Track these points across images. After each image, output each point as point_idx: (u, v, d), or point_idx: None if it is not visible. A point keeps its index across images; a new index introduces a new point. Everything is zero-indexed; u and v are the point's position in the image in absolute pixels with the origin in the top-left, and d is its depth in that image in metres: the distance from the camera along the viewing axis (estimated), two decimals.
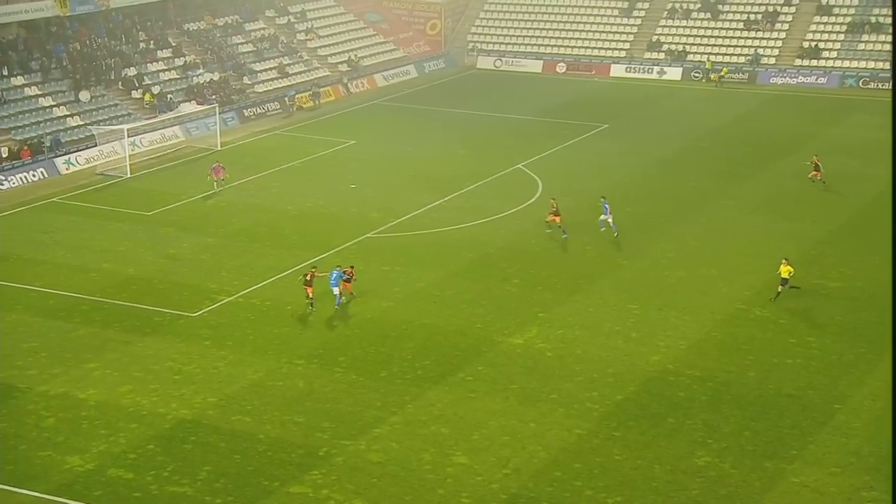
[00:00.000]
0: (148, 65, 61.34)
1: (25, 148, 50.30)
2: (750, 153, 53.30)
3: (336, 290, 33.89)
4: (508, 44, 77.98)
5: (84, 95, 56.01)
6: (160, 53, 63.02)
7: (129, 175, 49.69)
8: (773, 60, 71.62)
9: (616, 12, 77.54)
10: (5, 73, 54.79)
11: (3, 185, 47.51)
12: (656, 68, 72.68)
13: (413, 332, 32.92)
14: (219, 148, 54.58)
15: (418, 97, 67.63)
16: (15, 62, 55.78)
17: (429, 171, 50.09)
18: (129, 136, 51.71)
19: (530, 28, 78.68)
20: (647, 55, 74.34)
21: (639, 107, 64.48)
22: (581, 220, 42.89)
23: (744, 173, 49.87)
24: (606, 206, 40.54)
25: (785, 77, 69.70)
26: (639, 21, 76.89)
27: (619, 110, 63.12)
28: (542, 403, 28.57)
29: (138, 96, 58.48)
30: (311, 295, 34.00)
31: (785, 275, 34.18)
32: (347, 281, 34.55)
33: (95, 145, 52.02)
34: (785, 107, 63.91)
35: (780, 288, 34.32)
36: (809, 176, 46.85)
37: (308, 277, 34.07)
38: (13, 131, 51.76)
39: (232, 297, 35.42)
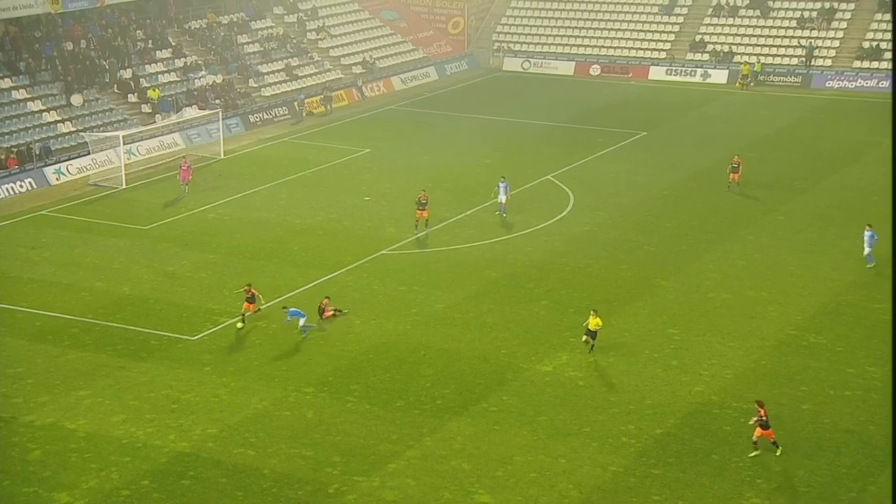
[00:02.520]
0: (146, 66, 61.96)
1: (12, 156, 50.83)
2: (802, 164, 53.12)
3: (302, 322, 34.15)
4: (537, 44, 78.25)
5: (76, 99, 56.61)
6: (159, 54, 63.66)
7: (124, 186, 50.11)
8: (829, 62, 71.46)
9: (656, 9, 77.70)
10: None
11: None
12: (700, 70, 72.68)
13: (432, 357, 32.95)
14: (222, 156, 55.00)
15: (439, 102, 67.91)
16: (1, 63, 56.48)
17: (449, 183, 50.22)
18: (124, 144, 52.20)
19: (562, 27, 78.95)
20: (690, 56, 74.37)
21: (680, 112, 64.44)
22: (616, 237, 42.83)
23: (796, 186, 49.70)
24: (503, 185, 44.41)
25: (842, 80, 69.50)
26: (681, 19, 76.99)
27: (659, 116, 63.12)
28: (574, 437, 28.49)
29: (134, 100, 59.06)
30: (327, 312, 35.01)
31: (593, 327, 32.60)
32: (328, 313, 35.14)
33: (88, 153, 52.54)
34: (841, 113, 63.71)
35: (585, 338, 32.91)
36: (728, 176, 48.35)
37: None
38: None
39: (235, 318, 35.59)
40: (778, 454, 27.39)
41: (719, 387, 31.10)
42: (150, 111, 58.41)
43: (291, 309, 34.64)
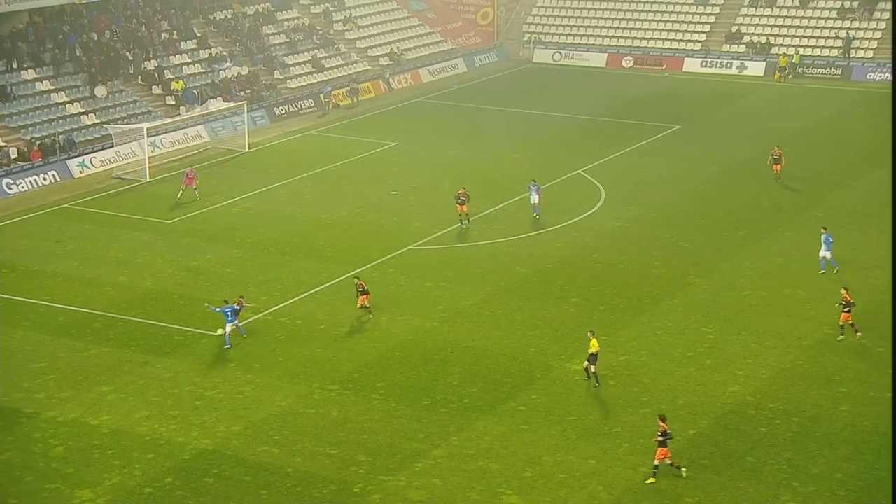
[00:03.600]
0: (170, 57, 62.30)
1: (36, 149, 51.28)
2: (842, 159, 52.66)
3: (228, 328, 33.15)
4: (569, 35, 78.01)
5: (100, 91, 57.02)
6: (184, 45, 64.00)
7: (148, 179, 50.43)
8: (870, 54, 70.73)
9: (690, 0, 77.20)
10: (14, 65, 55.97)
11: (10, 189, 48.47)
12: (736, 62, 72.18)
13: (459, 355, 32.95)
14: (246, 149, 55.23)
15: (467, 94, 67.85)
16: (25, 54, 56.96)
17: (478, 177, 50.17)
18: (148, 136, 52.53)
19: (594, 17, 78.66)
20: (726, 48, 73.88)
21: (715, 105, 64.03)
22: (649, 233, 42.65)
23: (834, 181, 49.26)
24: (535, 188, 44.46)
25: (884, 73, 68.71)
26: (716, 10, 76.50)
27: (693, 109, 62.75)
28: (604, 438, 28.41)
29: (159, 92, 59.42)
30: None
31: (594, 350, 30.61)
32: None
33: (112, 146, 52.91)
34: (883, 107, 63.00)
35: (586, 364, 30.80)
36: (771, 168, 48.60)
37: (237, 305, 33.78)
38: (23, 130, 52.80)
39: (259, 314, 35.74)
40: (684, 475, 26.19)
41: (754, 387, 30.90)
42: (174, 103, 58.75)
43: (227, 309, 33.38)
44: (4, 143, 51.19)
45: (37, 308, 36.28)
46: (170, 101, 58.98)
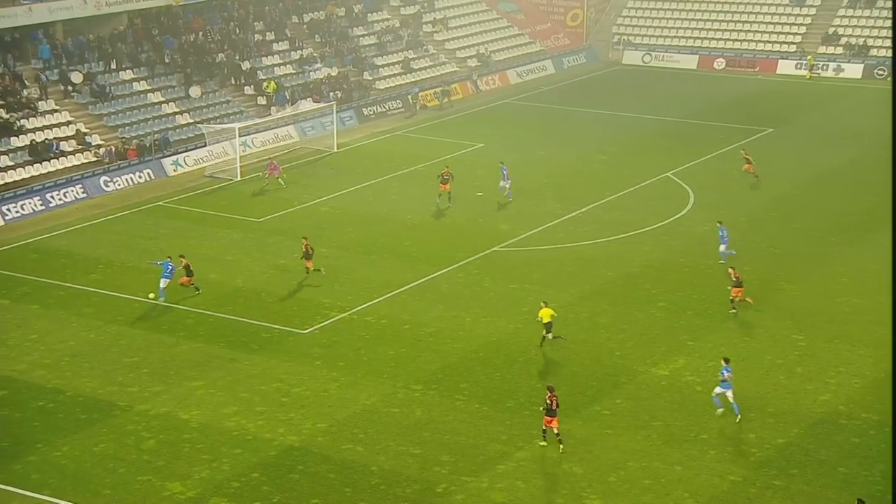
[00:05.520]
0: (262, 59, 63.27)
1: (132, 148, 52.53)
2: None
3: (163, 283, 36.54)
4: (659, 36, 77.21)
5: (194, 91, 58.18)
6: (276, 46, 64.94)
7: (238, 178, 51.29)
8: None
9: (786, 0, 75.76)
10: (113, 66, 57.44)
11: (107, 186, 49.73)
12: (832, 65, 70.62)
13: (543, 358, 32.80)
14: (335, 150, 55.81)
15: (555, 96, 67.59)
16: (124, 55, 58.40)
17: (564, 179, 49.93)
18: (240, 136, 53.42)
19: (685, 19, 77.73)
20: (822, 49, 72.30)
21: (810, 109, 62.73)
22: (738, 238, 41.94)
23: None
24: (505, 170, 46.53)
25: None
26: (812, 11, 74.94)
27: (787, 113, 61.57)
28: (690, 444, 28.04)
29: (251, 92, 60.39)
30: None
31: (547, 319, 32.67)
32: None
33: (205, 145, 53.93)
34: None
35: (545, 334, 32.90)
36: (743, 169, 48.84)
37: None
38: (120, 129, 54.13)
39: (345, 313, 36.09)
40: (561, 450, 27.55)
41: (847, 396, 30.18)
42: (265, 103, 59.66)
43: (167, 265, 36.81)
44: (103, 142, 52.56)
45: (131, 304, 37.13)
46: (261, 101, 59.91)
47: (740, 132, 57.37)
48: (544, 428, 27.90)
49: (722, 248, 39.57)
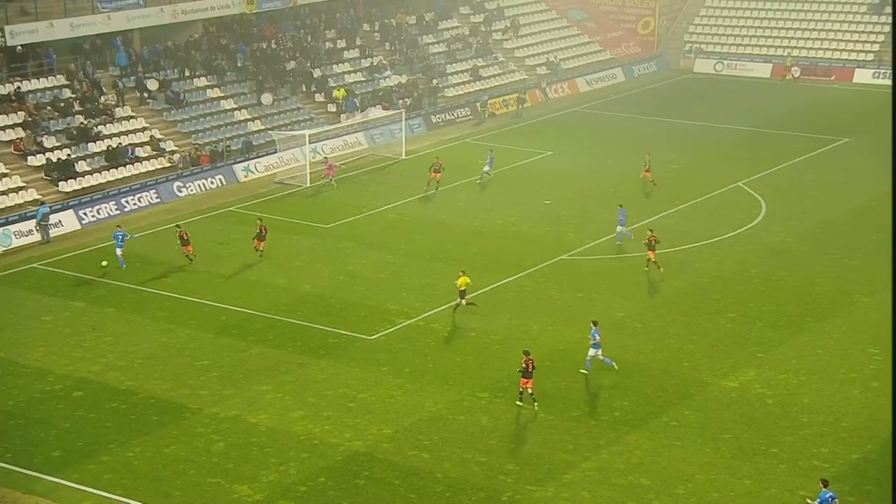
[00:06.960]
0: (333, 66, 63.89)
1: (205, 154, 53.37)
2: None
3: (119, 252, 40.47)
4: (732, 44, 76.39)
5: (266, 98, 58.92)
6: (346, 54, 65.52)
7: (308, 184, 51.81)
8: None
9: (864, 8, 74.54)
10: (187, 73, 58.44)
11: (180, 191, 50.57)
12: None
13: (610, 367, 32.62)
14: (403, 157, 56.09)
15: (625, 104, 67.19)
16: (198, 62, 59.39)
17: (633, 188, 49.60)
18: (310, 143, 53.97)
19: (758, 27, 76.82)
20: None
21: (887, 119, 61.44)
22: (812, 249, 41.31)
23: None
24: (492, 156, 49.41)
25: None
26: (891, 18, 73.46)
27: (863, 123, 60.47)
28: (760, 458, 27.65)
29: (321, 100, 60.99)
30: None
31: (462, 286, 35.73)
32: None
33: (276, 152, 54.59)
34: None
35: (459, 300, 35.96)
36: (641, 177, 49.52)
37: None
38: (193, 136, 55.04)
39: (412, 319, 36.24)
40: (535, 408, 29.51)
41: None
42: (335, 111, 60.21)
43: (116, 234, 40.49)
44: (177, 148, 53.49)
45: (202, 307, 37.71)
46: (331, 108, 60.47)
47: (815, 142, 56.48)
48: (520, 389, 29.93)
49: (619, 228, 42.21)
